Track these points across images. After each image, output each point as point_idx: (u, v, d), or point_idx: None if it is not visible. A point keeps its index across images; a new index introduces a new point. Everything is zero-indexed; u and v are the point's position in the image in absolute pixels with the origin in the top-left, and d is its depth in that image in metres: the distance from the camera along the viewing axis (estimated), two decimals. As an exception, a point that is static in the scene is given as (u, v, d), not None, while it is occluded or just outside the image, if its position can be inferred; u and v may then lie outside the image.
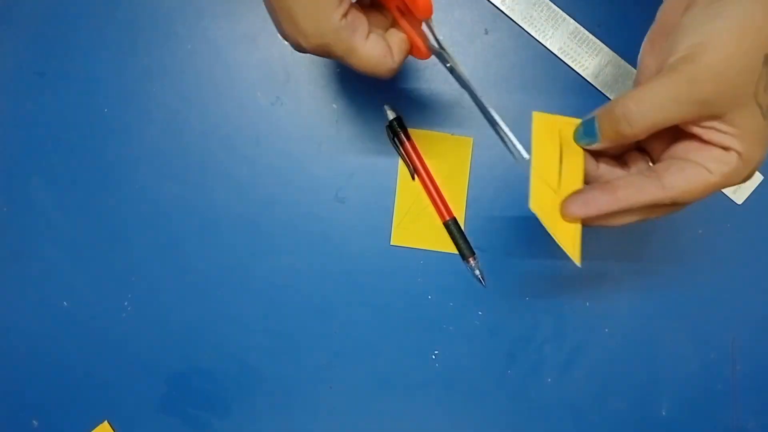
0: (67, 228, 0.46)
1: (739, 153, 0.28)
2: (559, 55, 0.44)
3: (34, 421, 0.46)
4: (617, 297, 0.44)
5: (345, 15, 0.29)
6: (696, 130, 0.29)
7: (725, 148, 0.28)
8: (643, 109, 0.28)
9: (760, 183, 0.44)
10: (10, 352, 0.46)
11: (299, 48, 0.31)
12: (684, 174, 0.29)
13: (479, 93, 0.32)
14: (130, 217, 0.46)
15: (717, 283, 0.44)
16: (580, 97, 0.44)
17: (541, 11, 0.44)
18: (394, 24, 0.33)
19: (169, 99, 0.46)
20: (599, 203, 0.30)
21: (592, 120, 0.30)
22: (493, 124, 0.32)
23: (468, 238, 0.44)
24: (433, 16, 0.31)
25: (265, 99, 0.46)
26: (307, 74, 0.45)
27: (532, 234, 0.45)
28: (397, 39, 0.32)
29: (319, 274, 0.45)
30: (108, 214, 0.46)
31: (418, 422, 0.45)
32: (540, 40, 0.45)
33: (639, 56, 0.33)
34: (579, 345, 0.45)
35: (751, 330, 0.44)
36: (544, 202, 0.31)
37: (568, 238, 0.31)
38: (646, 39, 0.33)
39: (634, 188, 0.30)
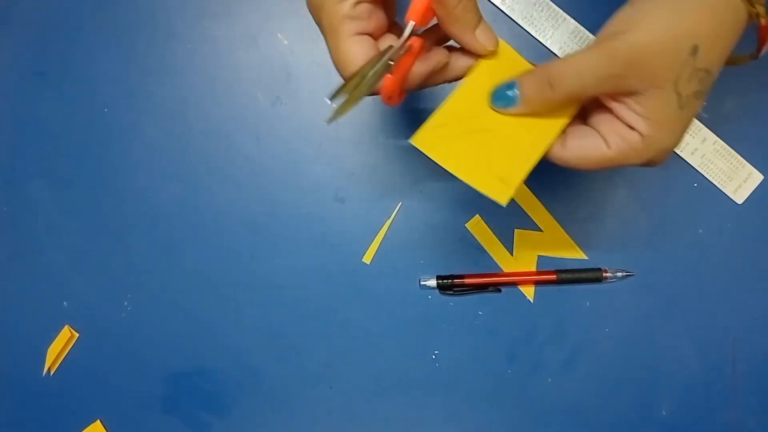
0: (67, 228, 0.46)
1: (641, 134, 0.29)
2: (559, 55, 0.44)
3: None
4: (617, 297, 0.44)
5: (357, 2, 0.28)
6: (610, 102, 0.29)
7: (630, 127, 0.29)
8: (564, 75, 0.28)
9: (761, 183, 0.44)
10: (10, 351, 0.46)
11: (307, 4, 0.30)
12: (582, 141, 0.30)
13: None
14: (130, 216, 0.46)
15: (717, 283, 0.44)
16: (580, 96, 0.44)
17: (541, 11, 0.44)
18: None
19: (169, 99, 0.46)
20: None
21: (512, 84, 0.30)
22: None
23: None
24: None
25: (265, 99, 0.46)
26: (307, 74, 0.45)
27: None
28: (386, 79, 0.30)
29: (319, 274, 0.45)
30: (108, 214, 0.46)
31: (418, 422, 0.45)
32: (540, 40, 0.45)
33: None
34: (579, 345, 0.45)
35: (751, 330, 0.44)
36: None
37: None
38: None
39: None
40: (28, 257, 0.46)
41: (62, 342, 0.45)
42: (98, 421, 0.45)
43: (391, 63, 0.29)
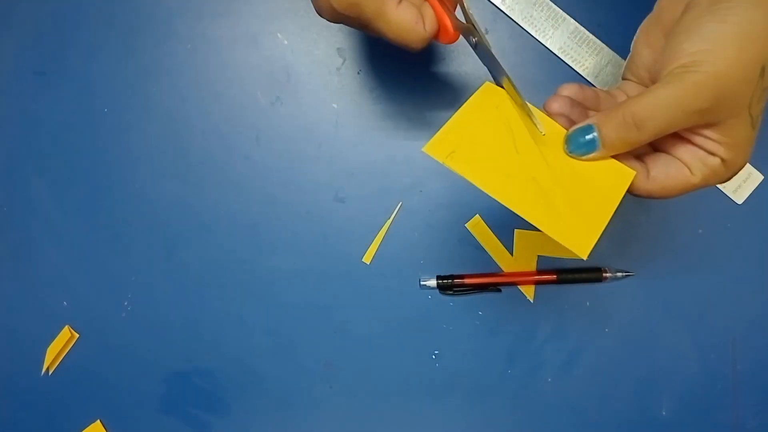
0: (67, 228, 0.46)
1: (722, 159, 0.29)
2: (559, 55, 0.44)
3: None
4: (617, 297, 0.44)
5: None
6: (688, 134, 0.29)
7: (710, 153, 0.29)
8: (653, 115, 0.28)
9: (761, 183, 0.44)
10: (10, 351, 0.46)
11: (331, 13, 0.30)
12: (667, 170, 0.30)
13: (508, 69, 0.30)
14: (130, 216, 0.46)
15: (717, 283, 0.44)
16: (580, 96, 0.44)
17: (541, 11, 0.44)
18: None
19: (168, 99, 0.46)
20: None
21: (590, 128, 0.30)
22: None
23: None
24: None
25: (265, 99, 0.46)
26: (307, 74, 0.45)
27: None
28: (429, 12, 0.31)
29: (318, 274, 0.45)
30: (108, 214, 0.46)
31: (419, 422, 0.45)
32: (540, 40, 0.45)
33: (632, 43, 0.34)
34: (579, 345, 0.45)
35: (751, 330, 0.44)
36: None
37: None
38: (641, 27, 0.33)
39: (627, 164, 0.31)
40: (28, 257, 0.46)
41: (62, 342, 0.45)
42: (98, 421, 0.45)
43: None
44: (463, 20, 0.31)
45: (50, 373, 0.46)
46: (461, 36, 0.32)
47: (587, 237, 0.29)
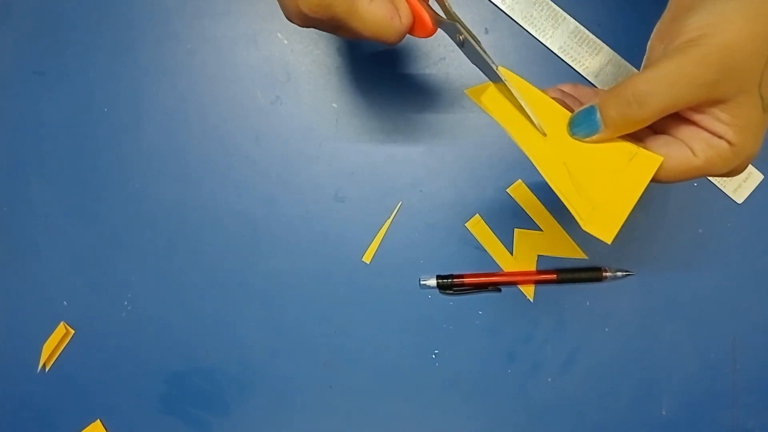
0: (67, 227, 0.46)
1: (730, 142, 0.27)
2: (559, 55, 0.44)
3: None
4: (617, 297, 0.44)
5: None
6: (693, 115, 0.28)
7: (717, 135, 0.28)
8: (656, 90, 0.26)
9: (760, 183, 0.44)
10: (10, 351, 0.46)
11: (301, 17, 0.29)
12: (667, 149, 0.29)
13: (497, 66, 0.30)
14: (129, 216, 0.46)
15: (717, 283, 0.44)
16: (581, 96, 0.44)
17: (541, 10, 0.44)
18: None
19: (168, 98, 0.46)
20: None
21: (592, 108, 0.29)
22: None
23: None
24: None
25: (265, 98, 0.46)
26: (307, 74, 0.45)
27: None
28: (403, 5, 0.30)
29: (318, 274, 0.45)
30: (108, 214, 0.46)
31: (418, 422, 0.45)
32: (540, 40, 0.44)
33: (649, 42, 0.33)
34: (579, 345, 0.45)
35: (751, 330, 0.44)
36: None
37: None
38: (657, 25, 0.32)
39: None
40: (28, 257, 0.46)
41: (58, 338, 0.45)
42: (98, 420, 0.45)
43: None
44: (443, 15, 0.30)
45: (47, 370, 0.46)
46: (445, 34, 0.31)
47: (612, 222, 0.28)
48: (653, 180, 0.29)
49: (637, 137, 0.30)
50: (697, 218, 0.44)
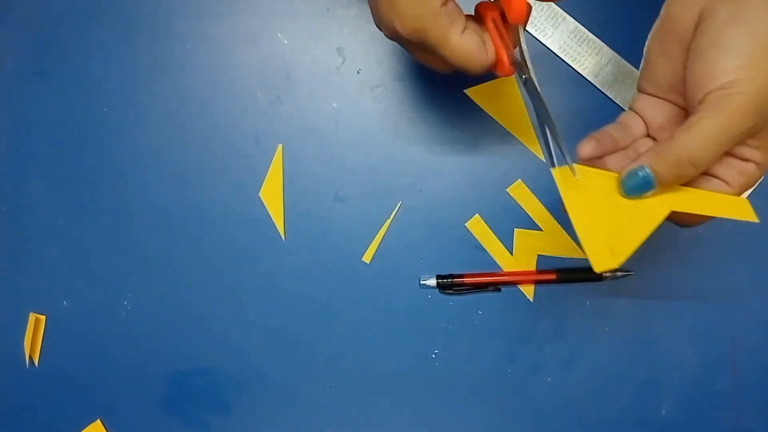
0: (67, 228, 0.46)
1: (757, 163, 0.29)
2: (559, 54, 0.44)
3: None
4: (617, 297, 0.44)
5: (445, 3, 0.29)
6: None
7: (744, 159, 0.29)
8: (706, 150, 0.27)
9: (760, 183, 0.44)
10: (10, 351, 0.46)
11: (393, 33, 0.31)
12: (706, 187, 0.30)
13: (550, 110, 0.31)
14: (129, 216, 0.46)
15: (717, 283, 0.44)
16: (580, 96, 0.44)
17: (541, 10, 0.44)
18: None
19: (169, 98, 0.46)
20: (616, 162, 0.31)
21: (643, 169, 0.29)
22: (547, 144, 0.31)
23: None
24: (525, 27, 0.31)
25: (265, 98, 0.46)
26: (307, 74, 0.45)
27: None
28: (489, 43, 0.32)
29: (318, 273, 0.45)
30: (107, 214, 0.46)
31: (418, 422, 0.45)
32: (540, 39, 0.44)
33: (645, 53, 0.33)
34: (579, 345, 0.44)
35: (751, 330, 0.44)
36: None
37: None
38: (652, 37, 0.32)
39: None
40: (28, 257, 0.46)
41: (32, 329, 0.45)
42: (98, 420, 0.45)
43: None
44: (517, 54, 0.32)
45: (36, 364, 0.46)
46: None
47: (621, 253, 0.29)
48: (702, 222, 0.30)
49: None
50: (697, 218, 0.44)
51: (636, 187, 0.30)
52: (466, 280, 0.44)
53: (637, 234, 0.29)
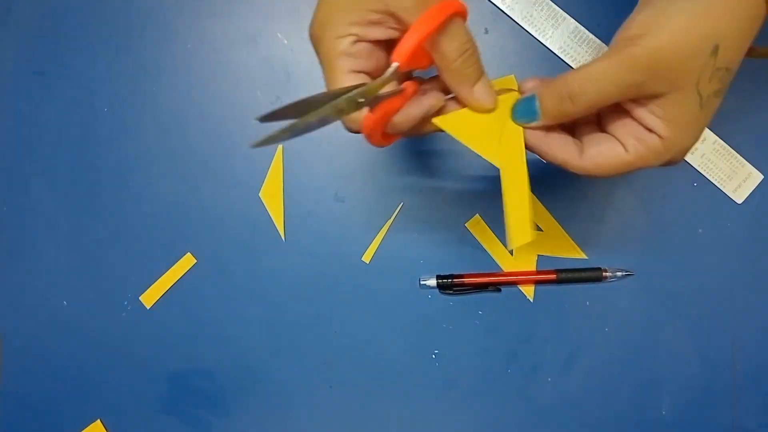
0: (67, 228, 0.46)
1: (660, 136, 0.28)
2: (559, 55, 0.44)
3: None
4: (617, 297, 0.44)
5: (356, 41, 0.29)
6: (628, 104, 0.29)
7: (649, 129, 0.29)
8: (585, 89, 0.28)
9: (761, 182, 0.44)
10: (10, 351, 0.46)
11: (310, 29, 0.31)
12: (599, 147, 0.30)
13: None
14: (129, 216, 0.46)
15: (717, 283, 0.44)
16: (580, 96, 0.44)
17: (541, 10, 0.44)
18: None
19: (168, 98, 0.46)
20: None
21: (532, 98, 0.30)
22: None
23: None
24: None
25: (265, 98, 0.46)
26: (307, 74, 0.45)
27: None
28: (365, 111, 0.30)
29: (318, 273, 0.45)
30: (107, 214, 0.46)
31: (419, 422, 0.45)
32: (540, 40, 0.44)
33: None
34: (579, 345, 0.45)
35: (751, 330, 0.44)
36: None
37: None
38: None
39: (560, 142, 0.31)
40: (28, 256, 0.46)
41: None
42: (98, 420, 0.45)
43: (361, 101, 0.28)
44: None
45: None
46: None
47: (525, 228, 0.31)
48: (590, 175, 0.30)
49: (578, 132, 0.31)
50: (697, 218, 0.44)
51: (522, 112, 0.30)
52: (466, 280, 0.44)
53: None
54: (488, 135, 0.31)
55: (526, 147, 0.31)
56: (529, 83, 0.32)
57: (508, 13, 0.44)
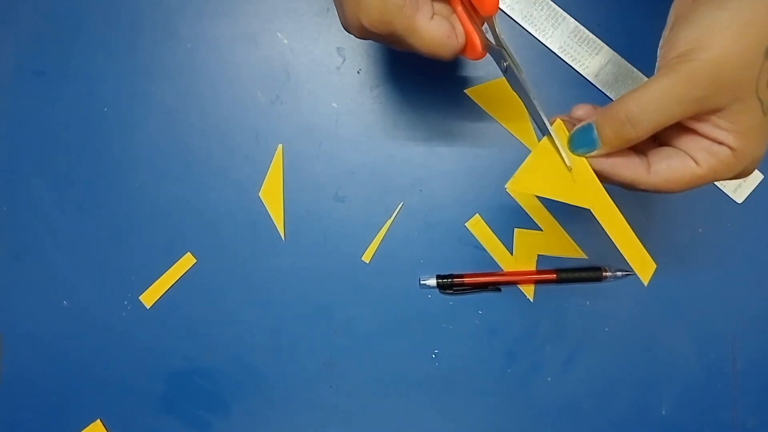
0: (67, 228, 0.46)
1: (731, 148, 0.28)
2: (559, 54, 0.44)
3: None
4: (617, 297, 0.44)
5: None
6: (692, 123, 0.28)
7: (717, 142, 0.28)
8: (646, 110, 0.27)
9: (761, 182, 0.44)
10: (10, 351, 0.46)
11: (361, 30, 0.30)
12: (669, 162, 0.29)
13: (536, 97, 0.31)
14: (129, 216, 0.46)
15: (717, 282, 0.44)
16: (581, 96, 0.44)
17: (541, 10, 0.44)
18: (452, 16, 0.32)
19: (169, 98, 0.46)
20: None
21: (590, 127, 0.29)
22: (543, 130, 0.31)
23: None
24: (496, 14, 0.30)
25: (265, 98, 0.46)
26: (307, 74, 0.45)
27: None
28: (459, 26, 0.31)
29: (318, 273, 0.45)
30: (108, 214, 0.46)
31: (418, 422, 0.45)
32: (540, 39, 0.44)
33: (658, 50, 0.33)
34: (579, 345, 0.45)
35: (751, 330, 0.44)
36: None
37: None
38: (662, 38, 0.32)
39: (624, 160, 0.30)
40: (28, 257, 0.46)
41: None
42: (98, 420, 0.45)
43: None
44: (493, 41, 0.31)
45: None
46: (492, 58, 0.32)
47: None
48: (661, 191, 0.30)
49: (639, 150, 0.30)
50: (697, 218, 0.44)
51: (580, 142, 0.30)
52: (466, 280, 0.44)
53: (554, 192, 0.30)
54: (561, 179, 0.30)
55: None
56: (579, 110, 0.31)
57: (508, 13, 0.44)
